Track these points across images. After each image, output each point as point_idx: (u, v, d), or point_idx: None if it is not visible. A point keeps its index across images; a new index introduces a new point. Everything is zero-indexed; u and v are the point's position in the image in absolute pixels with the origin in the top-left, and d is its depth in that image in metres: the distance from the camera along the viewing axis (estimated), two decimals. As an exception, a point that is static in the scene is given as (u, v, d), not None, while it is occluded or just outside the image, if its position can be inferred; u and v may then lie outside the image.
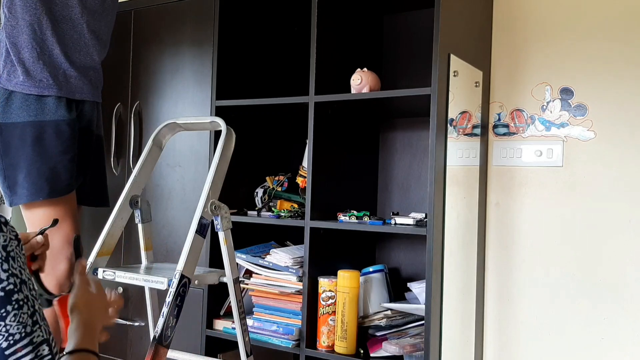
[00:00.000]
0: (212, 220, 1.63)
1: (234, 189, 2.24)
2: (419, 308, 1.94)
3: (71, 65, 1.67)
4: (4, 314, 0.90)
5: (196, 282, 1.61)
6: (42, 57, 1.64)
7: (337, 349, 1.95)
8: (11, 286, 0.90)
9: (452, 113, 1.87)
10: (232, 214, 2.08)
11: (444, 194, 1.81)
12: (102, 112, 2.01)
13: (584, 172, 2.01)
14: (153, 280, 1.59)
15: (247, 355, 1.70)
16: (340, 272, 1.96)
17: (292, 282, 2.05)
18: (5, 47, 1.63)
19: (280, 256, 2.08)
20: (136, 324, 2.52)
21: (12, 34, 1.61)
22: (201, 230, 1.58)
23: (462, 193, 2.00)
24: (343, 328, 1.93)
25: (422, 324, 1.85)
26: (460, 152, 1.98)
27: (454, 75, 1.84)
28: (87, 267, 1.61)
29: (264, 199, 2.29)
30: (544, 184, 2.06)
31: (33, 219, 1.75)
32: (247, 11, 2.33)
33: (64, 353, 1.05)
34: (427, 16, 1.91)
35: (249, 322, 2.10)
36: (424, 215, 1.97)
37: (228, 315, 2.20)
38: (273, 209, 2.22)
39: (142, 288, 2.28)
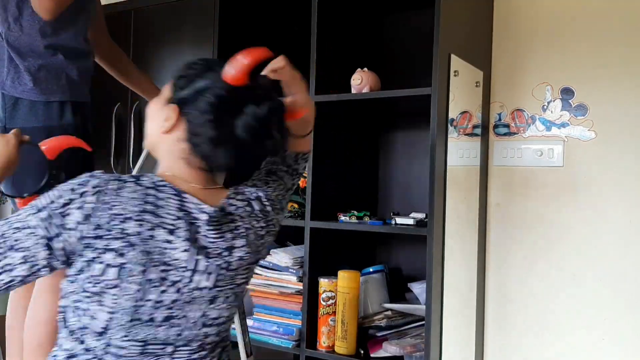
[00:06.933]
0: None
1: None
2: (419, 308, 1.94)
3: (73, 70, 1.69)
4: None
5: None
6: (46, 65, 1.65)
7: (337, 349, 1.94)
8: None
9: (453, 113, 1.86)
10: (232, 214, 2.07)
11: (445, 194, 1.81)
12: (101, 112, 2.00)
13: (584, 172, 2.00)
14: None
15: (247, 356, 1.70)
16: (340, 273, 1.96)
17: (292, 282, 2.05)
18: (7, 53, 1.64)
19: (280, 256, 2.08)
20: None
21: (16, 42, 1.63)
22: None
23: (463, 193, 1.99)
24: (343, 328, 1.93)
25: (423, 324, 1.84)
26: (460, 152, 1.98)
27: (455, 75, 1.84)
28: None
29: (264, 199, 2.28)
30: (544, 184, 2.06)
31: None
32: (247, 11, 2.33)
33: None
34: (427, 16, 1.91)
35: (249, 322, 2.09)
36: (424, 215, 1.96)
37: (228, 315, 2.20)
38: (273, 209, 2.21)
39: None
